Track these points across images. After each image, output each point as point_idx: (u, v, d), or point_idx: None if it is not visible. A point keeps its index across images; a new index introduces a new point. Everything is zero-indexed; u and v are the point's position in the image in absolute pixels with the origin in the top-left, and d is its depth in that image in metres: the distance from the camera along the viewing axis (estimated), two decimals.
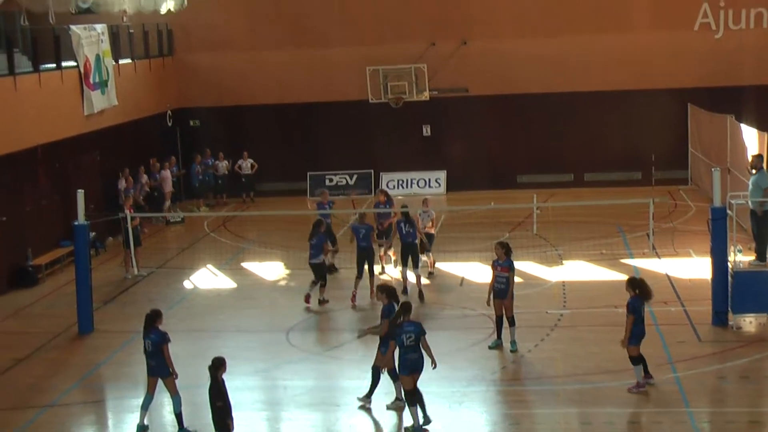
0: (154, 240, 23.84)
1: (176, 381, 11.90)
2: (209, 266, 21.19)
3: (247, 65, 29.70)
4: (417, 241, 17.97)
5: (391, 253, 19.62)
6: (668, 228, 22.58)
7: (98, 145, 24.42)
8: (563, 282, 18.53)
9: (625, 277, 13.55)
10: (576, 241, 21.64)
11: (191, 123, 30.27)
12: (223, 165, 28.33)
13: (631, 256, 20.18)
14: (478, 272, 18.95)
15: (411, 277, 17.90)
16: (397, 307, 12.09)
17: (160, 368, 11.89)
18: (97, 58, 24.12)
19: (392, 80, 29.04)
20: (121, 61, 26.26)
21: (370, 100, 29.26)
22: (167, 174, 25.95)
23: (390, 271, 19.36)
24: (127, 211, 20.20)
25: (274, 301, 18.21)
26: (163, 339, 11.85)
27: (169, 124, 29.50)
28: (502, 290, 14.49)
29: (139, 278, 20.26)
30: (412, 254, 17.83)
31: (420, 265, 18.07)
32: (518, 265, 19.12)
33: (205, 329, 16.63)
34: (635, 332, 12.76)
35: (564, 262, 20.07)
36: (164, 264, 21.15)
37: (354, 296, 17.50)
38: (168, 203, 25.64)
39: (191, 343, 15.03)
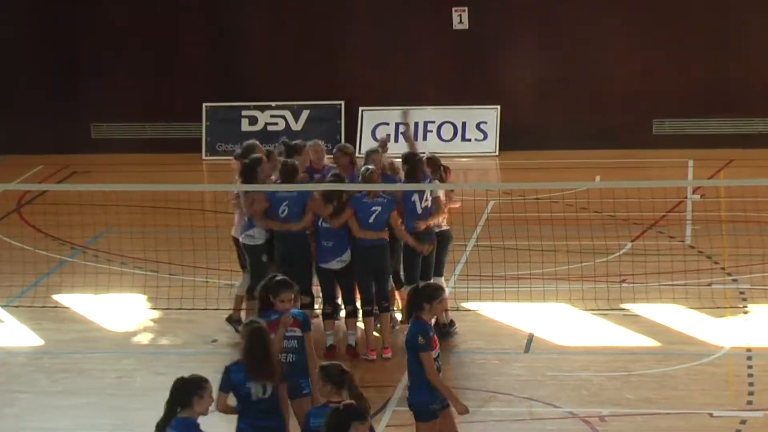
0: None
1: None
2: None
3: None
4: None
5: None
6: None
7: None
8: (748, 349, 18.71)
9: None
10: None
11: None
12: None
13: None
14: (564, 320, 19.81)
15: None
16: None
17: None
18: None
19: None
20: None
21: None
22: None
23: None
24: None
25: (126, 378, 18.51)
26: None
27: None
28: None
29: None
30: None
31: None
32: (650, 310, 19.78)
33: None
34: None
35: (750, 306, 20.38)
36: None
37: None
38: None
39: None
